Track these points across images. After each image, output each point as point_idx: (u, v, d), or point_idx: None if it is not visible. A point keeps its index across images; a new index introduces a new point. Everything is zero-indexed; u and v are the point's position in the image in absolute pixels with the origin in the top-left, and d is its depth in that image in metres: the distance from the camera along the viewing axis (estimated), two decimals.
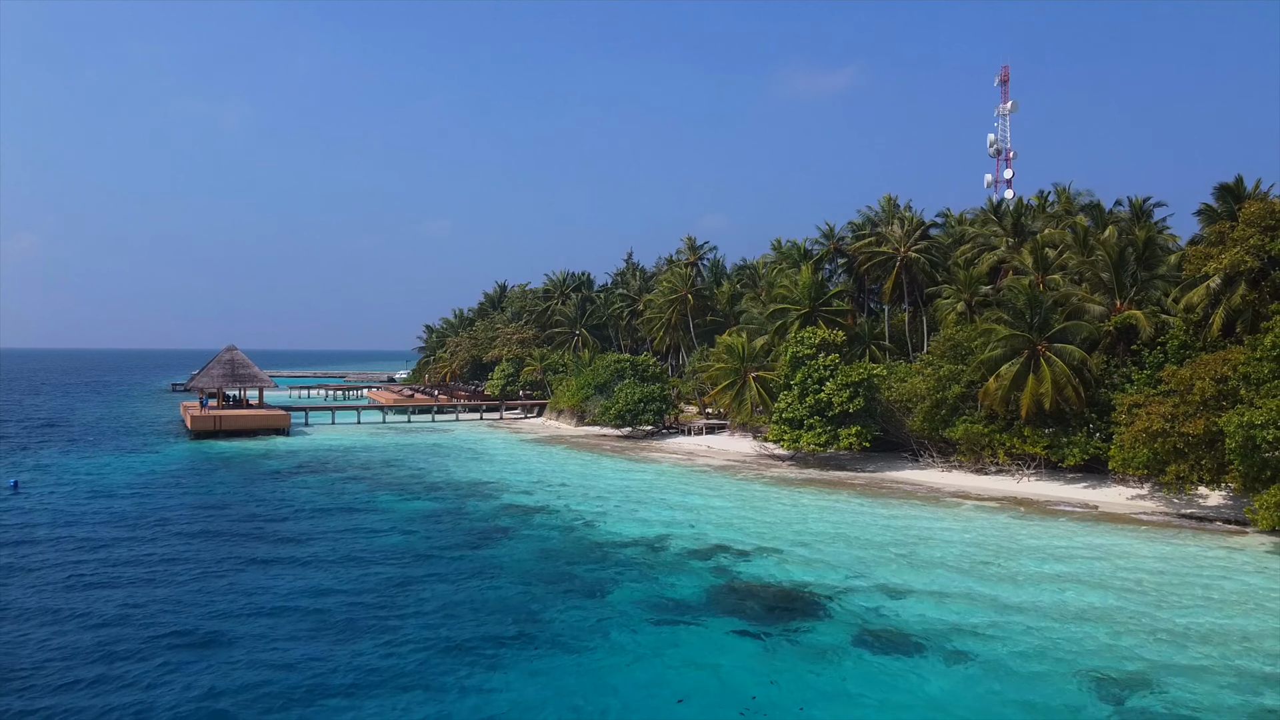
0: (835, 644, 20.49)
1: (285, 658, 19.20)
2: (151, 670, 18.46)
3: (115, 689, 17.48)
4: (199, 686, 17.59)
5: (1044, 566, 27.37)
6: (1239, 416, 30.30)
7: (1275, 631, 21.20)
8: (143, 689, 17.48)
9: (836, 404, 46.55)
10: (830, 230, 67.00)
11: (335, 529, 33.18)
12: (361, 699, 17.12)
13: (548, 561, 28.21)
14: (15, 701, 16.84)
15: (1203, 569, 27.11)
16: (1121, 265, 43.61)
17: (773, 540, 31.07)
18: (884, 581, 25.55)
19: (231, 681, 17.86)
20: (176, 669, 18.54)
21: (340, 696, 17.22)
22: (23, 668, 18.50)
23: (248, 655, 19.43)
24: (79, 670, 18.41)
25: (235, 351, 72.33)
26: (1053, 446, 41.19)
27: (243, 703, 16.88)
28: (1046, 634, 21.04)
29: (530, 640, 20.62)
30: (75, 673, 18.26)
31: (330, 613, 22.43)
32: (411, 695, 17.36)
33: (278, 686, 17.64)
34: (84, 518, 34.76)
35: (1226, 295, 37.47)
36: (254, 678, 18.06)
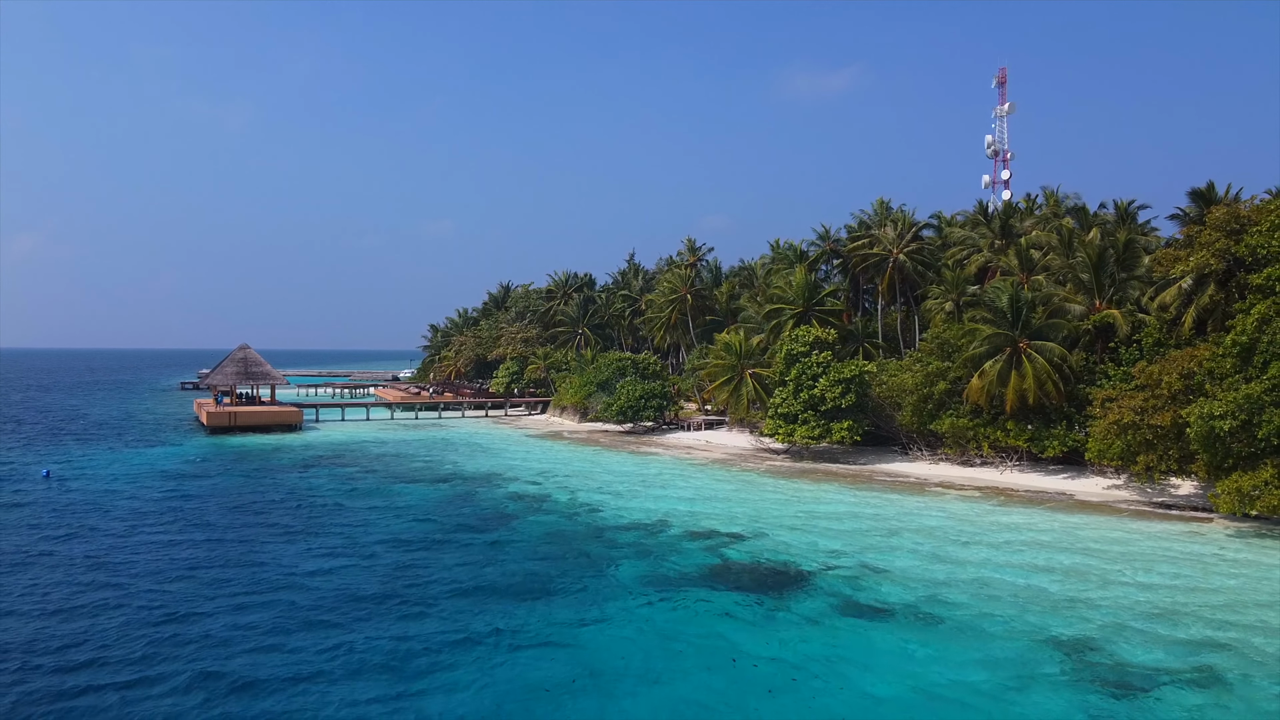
0: (817, 610, 22.60)
1: (334, 615, 21.37)
2: (231, 614, 21.11)
3: (198, 636, 19.61)
4: (267, 624, 20.33)
5: (1013, 545, 29.47)
6: (1201, 409, 32.41)
7: (1216, 602, 23.29)
8: (227, 630, 19.67)
9: (829, 399, 48.65)
10: (826, 232, 69.11)
11: (357, 512, 35.37)
12: (400, 637, 19.25)
13: (555, 541, 30.34)
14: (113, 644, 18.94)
15: (1162, 548, 29.21)
16: (1101, 266, 45.67)
17: (765, 524, 33.19)
18: (865, 558, 27.68)
19: (296, 620, 20.41)
20: (255, 609, 21.16)
21: (381, 637, 19.38)
22: (120, 620, 20.65)
23: (311, 602, 22.14)
24: (174, 615, 20.64)
25: (248, 350, 74.47)
26: (1034, 439, 43.27)
27: (314, 637, 19.17)
28: (1011, 603, 23.13)
29: (541, 603, 22.76)
30: (170, 621, 20.47)
31: (365, 577, 24.69)
32: (447, 637, 19.57)
33: (339, 629, 19.93)
34: (120, 502, 36.95)
35: (1197, 295, 39.57)
36: (322, 617, 20.38)
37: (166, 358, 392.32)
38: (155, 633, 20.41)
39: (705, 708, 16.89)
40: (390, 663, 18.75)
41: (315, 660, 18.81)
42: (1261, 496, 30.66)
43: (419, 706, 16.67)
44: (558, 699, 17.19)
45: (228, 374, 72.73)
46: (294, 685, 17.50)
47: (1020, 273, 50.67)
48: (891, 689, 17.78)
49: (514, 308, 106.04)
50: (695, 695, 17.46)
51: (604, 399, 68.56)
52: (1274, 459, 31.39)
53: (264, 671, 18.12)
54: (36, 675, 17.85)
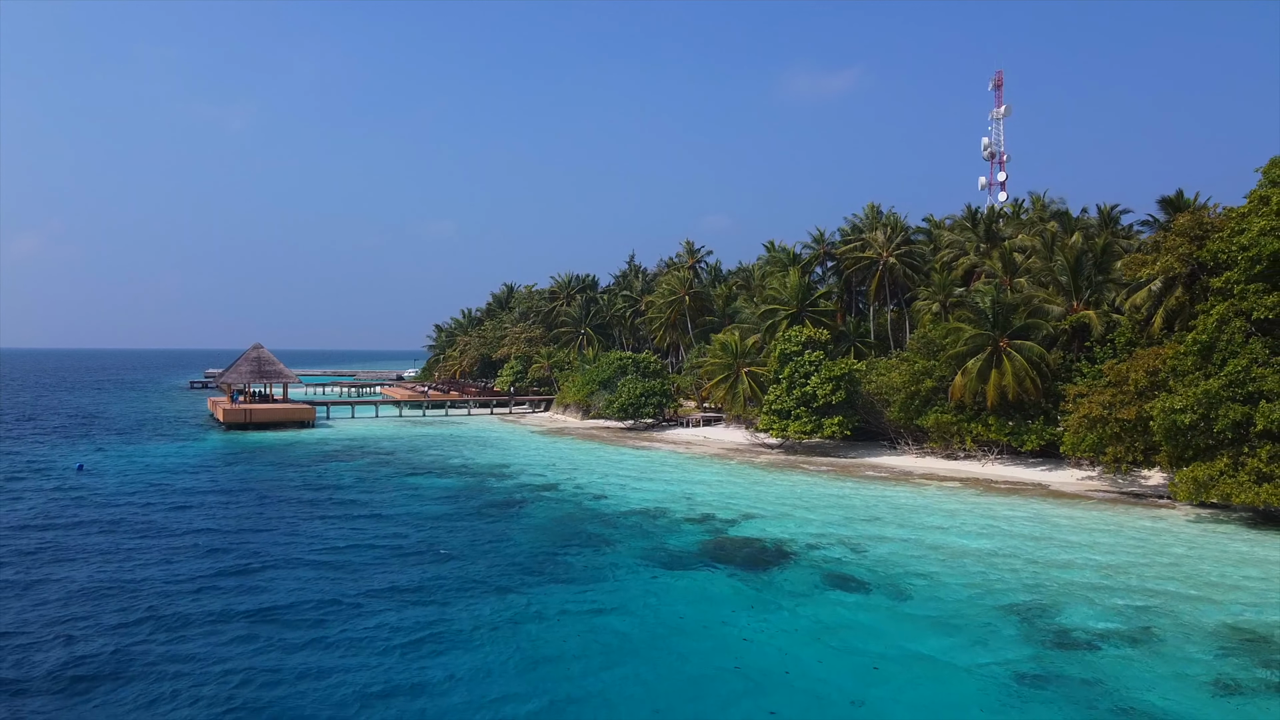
0: (801, 582, 25.05)
1: (371, 582, 23.84)
2: (288, 582, 23.56)
3: (257, 601, 22.07)
4: (322, 590, 22.65)
5: (984, 528, 31.92)
6: (1163, 403, 34.86)
7: (1162, 577, 25.74)
8: (281, 600, 22.12)
9: (820, 396, 51.10)
10: (820, 235, 71.59)
11: (377, 498, 37.91)
12: (428, 603, 21.72)
13: (562, 524, 32.82)
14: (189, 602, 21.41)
15: (1122, 531, 31.67)
16: (1078, 270, 48.13)
17: (757, 509, 35.67)
18: (846, 540, 30.14)
19: (347, 590, 22.83)
20: (309, 581, 23.52)
21: (415, 603, 21.87)
22: (187, 586, 23.11)
23: (353, 576, 24.53)
24: (240, 586, 23.09)
25: (261, 349, 76.95)
26: (1014, 434, 45.70)
27: (362, 598, 21.59)
28: (977, 576, 25.57)
29: (552, 575, 25.22)
30: (235, 590, 22.91)
31: (398, 545, 27.16)
32: (475, 598, 22.00)
33: (385, 592, 22.38)
34: (159, 489, 39.48)
35: (1166, 297, 41.99)
36: (370, 585, 22.78)
37: (170, 358, 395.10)
38: (224, 592, 22.93)
39: (696, 654, 19.34)
40: (428, 611, 21.25)
41: (371, 603, 21.46)
42: (1216, 485, 33.10)
43: (454, 640, 19.16)
44: (573, 645, 19.64)
45: (242, 373, 75.21)
46: (358, 614, 20.02)
47: (1004, 275, 53.13)
48: (863, 646, 20.21)
49: (517, 308, 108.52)
50: (688, 645, 19.90)
51: (606, 397, 71.02)
52: (1230, 450, 33.80)
53: (334, 612, 20.64)
54: (179, 597, 20.39)
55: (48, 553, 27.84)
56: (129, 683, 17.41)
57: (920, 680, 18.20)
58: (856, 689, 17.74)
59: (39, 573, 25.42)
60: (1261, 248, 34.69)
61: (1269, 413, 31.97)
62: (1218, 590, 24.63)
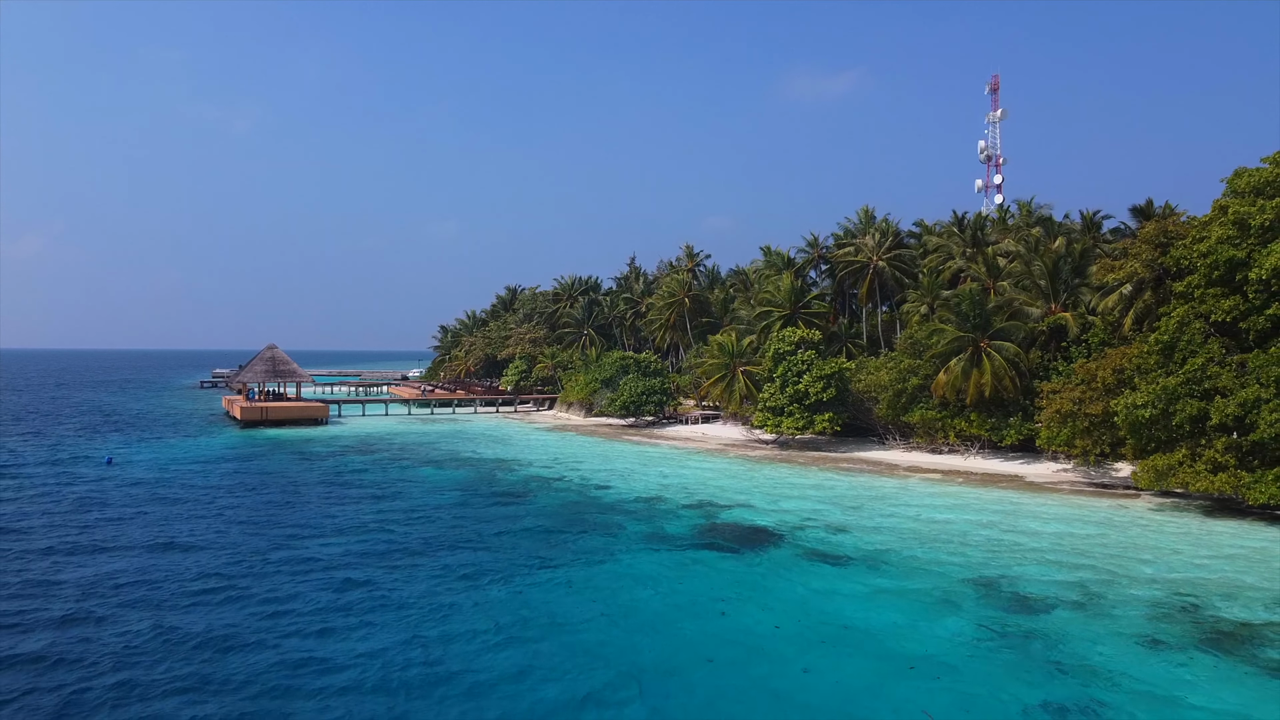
0: (787, 559, 27.71)
1: (404, 551, 26.54)
2: (337, 548, 26.10)
3: (313, 557, 24.76)
4: (349, 563, 25.13)
5: (959, 515, 34.57)
6: (1126, 399, 37.50)
7: (1113, 554, 28.39)
8: (337, 554, 24.81)
9: (812, 394, 53.76)
10: (815, 240, 74.23)
11: (397, 486, 40.65)
12: (448, 579, 24.40)
13: (569, 511, 35.49)
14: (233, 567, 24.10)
15: (1085, 516, 34.34)
16: (1056, 274, 50.77)
17: (749, 498, 38.34)
18: (830, 523, 32.81)
19: (389, 557, 25.32)
20: (355, 546, 26.05)
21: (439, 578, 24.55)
22: (235, 560, 25.80)
23: (383, 552, 27.07)
24: (285, 544, 25.79)
25: (276, 349, 79.70)
26: (994, 429, 48.34)
27: (397, 578, 24.27)
28: (945, 553, 28.21)
29: (561, 554, 27.88)
30: (288, 562, 25.61)
31: (418, 529, 29.84)
32: (492, 576, 24.71)
33: (402, 567, 25.05)
34: (189, 479, 42.12)
35: (1136, 300, 44.64)
36: (397, 551, 25.49)
37: (175, 358, 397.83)
38: (285, 553, 25.64)
39: (689, 617, 21.99)
40: (444, 581, 23.94)
41: (420, 562, 24.09)
42: (1175, 474, 35.75)
43: (482, 603, 21.84)
44: (564, 646, 22.30)
45: (257, 372, 77.93)
46: (393, 578, 22.68)
47: (988, 279, 55.75)
48: (836, 609, 22.86)
49: (521, 309, 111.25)
50: (683, 612, 22.56)
51: (608, 395, 73.71)
52: (1188, 442, 36.43)
53: (381, 574, 23.33)
54: (255, 559, 23.12)
55: (126, 521, 30.71)
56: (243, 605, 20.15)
57: (887, 634, 20.84)
58: (833, 636, 20.39)
59: (125, 536, 28.17)
60: (1219, 254, 37.36)
61: (1223, 407, 34.59)
62: (1164, 565, 27.26)
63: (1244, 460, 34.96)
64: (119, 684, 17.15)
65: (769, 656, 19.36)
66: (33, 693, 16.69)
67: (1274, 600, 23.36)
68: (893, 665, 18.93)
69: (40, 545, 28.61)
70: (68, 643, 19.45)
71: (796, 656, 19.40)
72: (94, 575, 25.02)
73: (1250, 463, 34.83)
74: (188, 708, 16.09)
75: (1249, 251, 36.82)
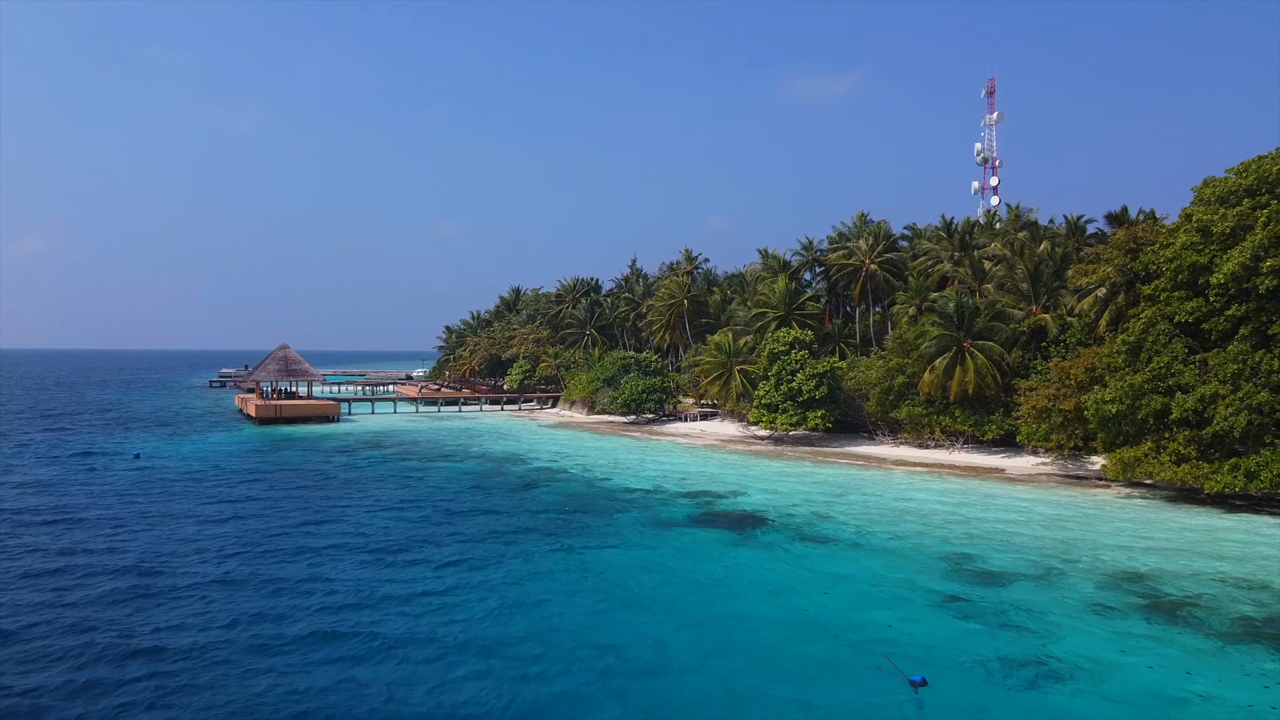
0: (774, 537, 30.32)
1: (428, 528, 29.17)
2: (372, 529, 28.66)
3: (327, 547, 27.36)
4: (400, 532, 27.79)
5: (936, 502, 37.17)
6: (1096, 396, 40.10)
7: (1073, 537, 30.99)
8: (368, 528, 27.41)
9: (805, 391, 56.35)
10: (810, 243, 76.75)
11: (412, 477, 43.23)
12: (469, 557, 27.01)
13: (575, 499, 38.10)
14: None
15: (1055, 504, 36.92)
16: (1037, 277, 53.36)
17: (743, 487, 40.94)
18: (816, 509, 35.42)
19: (418, 533, 27.94)
20: (388, 526, 28.72)
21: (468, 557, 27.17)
22: (278, 540, 28.43)
23: (409, 527, 29.66)
24: (321, 521, 28.40)
25: (288, 350, 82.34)
26: (977, 425, 50.92)
27: (426, 553, 26.86)
28: (920, 535, 30.80)
29: (569, 536, 30.49)
30: (331, 533, 28.22)
31: (437, 513, 32.47)
32: (508, 553, 27.33)
33: (428, 542, 27.65)
34: (217, 472, 44.74)
35: (1110, 302, 47.21)
36: (420, 534, 28.12)
37: (178, 358, 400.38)
38: (321, 529, 28.28)
39: (683, 600, 24.59)
40: (448, 571, 26.57)
41: (446, 540, 26.72)
42: (1141, 465, 38.34)
43: (500, 574, 24.45)
44: (576, 607, 24.91)
45: (270, 371, 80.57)
46: (424, 547, 25.30)
47: (973, 281, 58.35)
48: (821, 587, 25.45)
49: (525, 310, 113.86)
50: (673, 602, 25.16)
51: (610, 393, 76.31)
52: (1152, 435, 39.03)
53: (413, 542, 25.98)
54: (296, 532, 25.73)
55: (165, 502, 33.33)
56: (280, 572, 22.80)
57: (861, 600, 23.44)
58: (810, 600, 22.99)
59: (167, 512, 30.82)
60: (1183, 260, 39.96)
61: (1183, 403, 37.20)
62: (1120, 546, 29.84)
63: (1204, 452, 37.57)
64: (256, 616, 19.81)
65: (756, 599, 21.97)
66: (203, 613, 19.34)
67: (1215, 576, 25.94)
68: (862, 620, 21.52)
69: (136, 522, 31.37)
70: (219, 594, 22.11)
71: (778, 602, 22.02)
72: (207, 534, 27.81)
73: (1211, 455, 37.43)
74: (310, 615, 18.72)
75: (1211, 257, 39.39)
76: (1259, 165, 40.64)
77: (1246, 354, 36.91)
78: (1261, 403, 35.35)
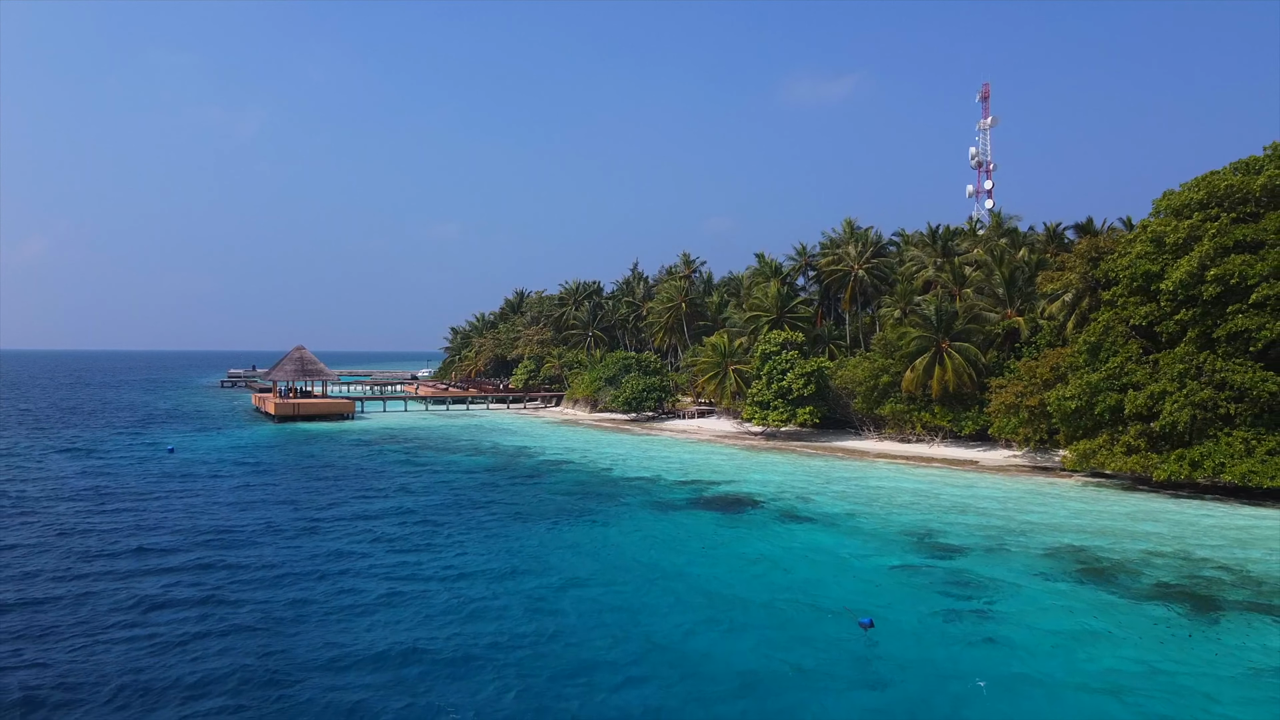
0: (762, 519, 34.08)
1: (451, 511, 32.95)
2: (410, 505, 32.46)
3: (389, 509, 31.10)
4: (410, 520, 31.55)
5: (910, 489, 40.93)
6: (1058, 393, 43.85)
7: (1027, 519, 34.73)
8: (404, 508, 31.18)
9: (795, 389, 60.10)
10: (803, 249, 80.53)
11: (430, 468, 46.96)
12: (490, 536, 30.76)
13: (582, 487, 41.86)
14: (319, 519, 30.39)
15: (1017, 490, 40.68)
16: (1012, 283, 57.12)
17: (735, 476, 44.72)
18: (802, 494, 39.20)
19: (431, 508, 31.70)
20: (420, 502, 32.53)
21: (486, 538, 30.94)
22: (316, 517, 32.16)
23: (446, 504, 33.45)
24: (374, 504, 32.14)
25: (304, 350, 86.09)
26: (954, 420, 54.68)
27: (452, 537, 30.59)
28: (891, 516, 34.55)
29: (579, 516, 34.27)
30: (370, 506, 31.95)
31: (458, 497, 36.24)
32: (530, 524, 31.11)
33: (468, 515, 31.40)
34: (250, 462, 48.51)
35: (1077, 306, 50.96)
36: (442, 514, 31.90)
37: (184, 359, 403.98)
38: (372, 504, 32.07)
39: (679, 555, 28.33)
40: (478, 541, 30.35)
41: (457, 532, 30.48)
42: (1096, 456, 42.10)
43: (519, 552, 28.21)
44: (589, 567, 28.67)
45: (287, 371, 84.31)
46: (458, 520, 29.05)
47: (954, 286, 62.08)
48: (799, 556, 29.20)
49: (529, 312, 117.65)
50: (671, 563, 28.91)
51: (612, 392, 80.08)
52: (1108, 429, 42.78)
53: (450, 518, 29.76)
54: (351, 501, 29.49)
55: (224, 485, 37.13)
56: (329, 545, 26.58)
57: (834, 567, 27.20)
58: (789, 565, 26.75)
59: (217, 491, 34.60)
60: (1137, 268, 43.70)
61: (1135, 399, 40.94)
62: (1068, 525, 33.60)
63: (1155, 444, 41.31)
64: (300, 597, 23.56)
65: (740, 562, 25.74)
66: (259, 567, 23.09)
67: (1146, 550, 29.67)
68: (830, 580, 25.28)
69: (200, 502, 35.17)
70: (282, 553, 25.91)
71: (762, 562, 25.80)
72: (274, 508, 31.60)
73: (1161, 446, 41.17)
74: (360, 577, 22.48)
75: (1163, 266, 43.12)
76: (1209, 181, 44.44)
77: (1192, 355, 40.70)
78: (1204, 399, 39.09)
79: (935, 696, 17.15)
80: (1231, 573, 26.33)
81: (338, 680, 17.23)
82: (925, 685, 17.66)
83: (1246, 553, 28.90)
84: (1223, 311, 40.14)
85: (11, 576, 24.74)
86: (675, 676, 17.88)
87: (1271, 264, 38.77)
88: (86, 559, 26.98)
